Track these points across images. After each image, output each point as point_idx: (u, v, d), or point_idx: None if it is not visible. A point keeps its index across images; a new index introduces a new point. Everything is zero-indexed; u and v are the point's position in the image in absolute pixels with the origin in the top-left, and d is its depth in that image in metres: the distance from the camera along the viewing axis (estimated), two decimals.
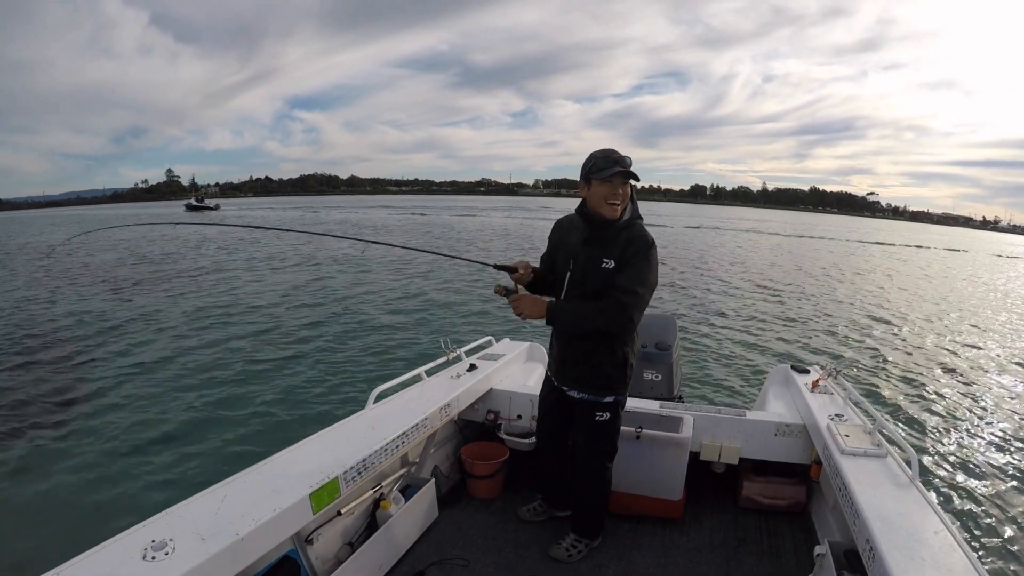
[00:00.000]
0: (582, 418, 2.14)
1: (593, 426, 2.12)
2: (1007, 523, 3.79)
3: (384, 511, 2.17)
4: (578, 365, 2.07)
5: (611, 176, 1.85)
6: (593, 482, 2.22)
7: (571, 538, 2.25)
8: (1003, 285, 19.22)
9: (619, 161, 1.86)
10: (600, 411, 2.09)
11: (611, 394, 2.07)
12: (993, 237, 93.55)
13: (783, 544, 2.37)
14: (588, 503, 2.26)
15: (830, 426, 2.18)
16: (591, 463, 2.19)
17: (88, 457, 4.39)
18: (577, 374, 2.09)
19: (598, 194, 1.89)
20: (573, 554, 2.21)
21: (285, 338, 7.94)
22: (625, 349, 2.02)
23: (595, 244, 1.95)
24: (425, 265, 14.99)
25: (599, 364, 2.02)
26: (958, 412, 5.97)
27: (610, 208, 1.89)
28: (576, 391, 2.11)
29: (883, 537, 1.45)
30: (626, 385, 2.10)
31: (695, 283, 14.23)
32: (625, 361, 2.03)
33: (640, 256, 1.88)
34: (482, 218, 40.57)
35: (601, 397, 2.07)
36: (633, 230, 1.93)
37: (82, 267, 15.42)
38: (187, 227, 17.48)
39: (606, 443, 2.17)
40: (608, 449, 2.18)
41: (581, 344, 2.03)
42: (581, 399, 2.11)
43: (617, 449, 2.21)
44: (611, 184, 1.87)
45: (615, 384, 2.06)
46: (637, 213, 1.96)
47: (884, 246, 34.87)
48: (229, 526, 1.40)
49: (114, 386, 5.94)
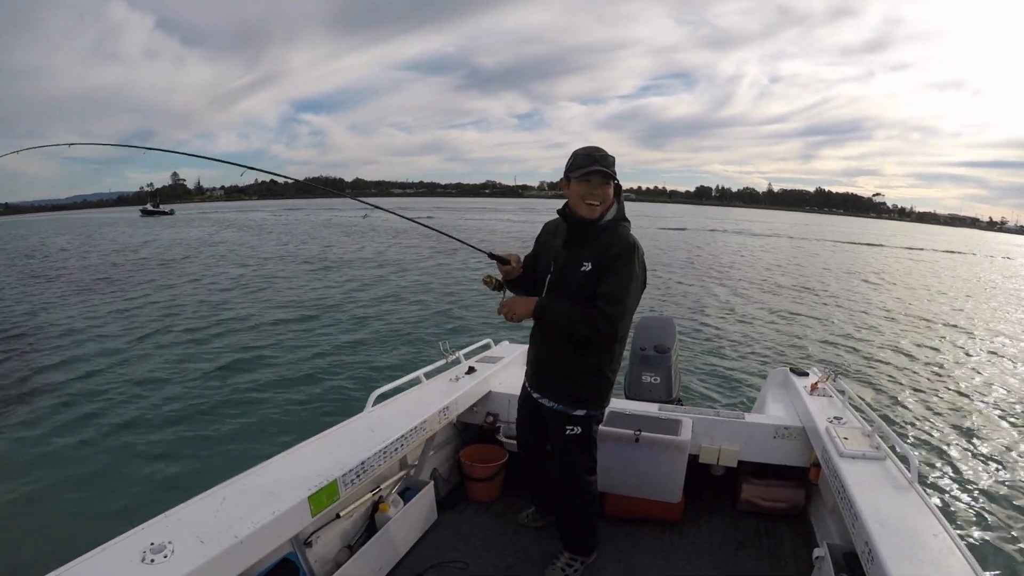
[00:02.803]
0: (553, 431, 2.02)
1: (565, 440, 1.99)
2: (1006, 526, 3.79)
3: (383, 514, 2.17)
4: (547, 370, 1.96)
5: (589, 175, 1.77)
6: (573, 498, 2.08)
7: (565, 557, 2.16)
8: (1003, 285, 19.24)
9: (598, 160, 1.76)
10: (571, 425, 1.95)
11: (583, 407, 1.93)
12: (999, 238, 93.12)
13: (782, 547, 2.37)
14: (572, 518, 2.15)
15: (829, 429, 2.18)
16: (567, 478, 2.05)
17: (87, 460, 4.39)
18: (547, 380, 1.98)
19: (575, 193, 1.81)
20: (569, 572, 2.13)
21: (284, 341, 7.94)
22: (601, 358, 1.87)
23: (575, 246, 1.86)
24: (426, 267, 15.00)
25: (568, 371, 1.90)
26: (957, 415, 5.97)
27: (588, 208, 1.81)
28: (547, 399, 1.98)
29: (882, 540, 1.44)
30: (602, 400, 1.96)
31: (694, 285, 14.23)
32: (599, 371, 1.89)
33: (622, 261, 1.77)
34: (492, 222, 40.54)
35: (571, 409, 1.93)
36: (615, 232, 1.83)
37: (59, 269, 15.49)
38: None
39: (582, 459, 2.03)
40: (585, 464, 2.04)
41: (552, 347, 1.93)
42: (551, 409, 1.97)
43: (596, 462, 2.09)
44: (589, 183, 1.78)
45: (587, 396, 1.92)
46: (622, 215, 1.86)
47: (887, 248, 34.90)
48: (228, 529, 1.40)
49: (111, 389, 5.94)
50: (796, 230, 50.25)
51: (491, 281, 2.04)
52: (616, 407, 2.69)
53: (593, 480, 2.09)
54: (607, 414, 2.58)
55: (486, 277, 2.06)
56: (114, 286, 12.79)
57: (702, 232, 38.39)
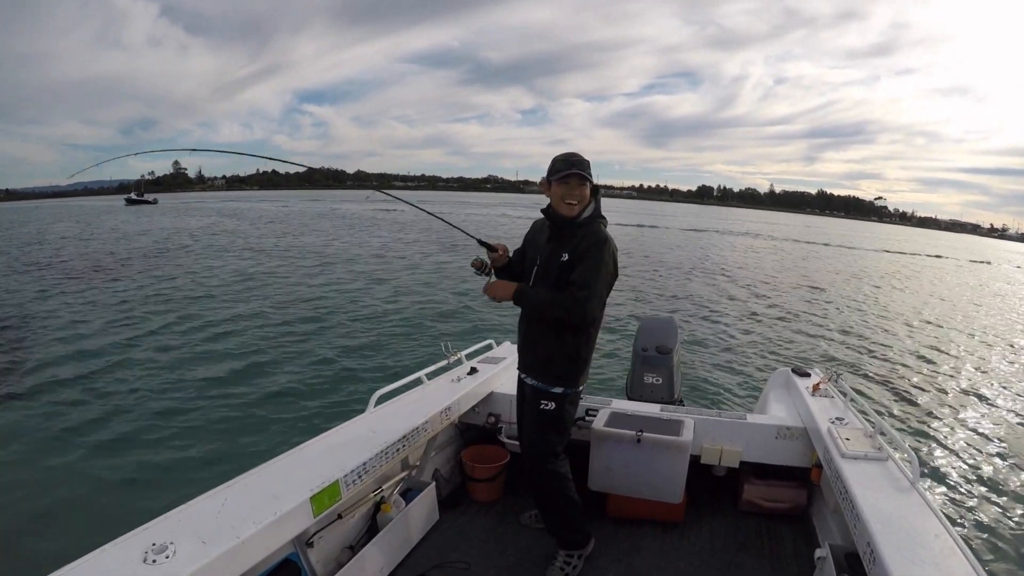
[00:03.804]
0: (529, 407, 2.16)
1: (538, 415, 2.11)
2: (1008, 526, 3.78)
3: (385, 514, 2.18)
4: (530, 351, 2.15)
5: (567, 177, 1.98)
6: (541, 484, 2.14)
7: (562, 556, 2.18)
8: (1001, 289, 19.19)
9: (575, 164, 1.99)
10: (545, 400, 2.09)
11: (559, 385, 2.08)
12: (999, 245, 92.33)
13: (784, 547, 2.36)
14: (550, 508, 2.18)
15: (831, 429, 2.18)
16: (534, 459, 2.12)
17: (89, 460, 4.39)
18: (530, 361, 2.15)
19: (556, 194, 2.02)
20: (568, 571, 2.15)
21: (285, 342, 7.93)
22: (577, 340, 2.04)
23: (557, 241, 2.07)
24: (426, 269, 15.02)
25: (548, 351, 2.07)
26: (959, 415, 5.97)
27: (567, 207, 2.02)
28: (530, 378, 2.15)
29: (884, 540, 1.44)
30: (578, 380, 2.10)
31: (696, 286, 14.22)
32: (576, 354, 2.06)
33: (593, 251, 1.97)
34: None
35: (549, 386, 2.08)
36: (591, 228, 2.04)
37: (57, 261, 15.44)
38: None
39: (550, 435, 2.11)
40: (551, 444, 2.11)
41: (534, 330, 2.12)
42: (532, 386, 2.14)
43: (561, 447, 2.14)
44: (567, 185, 1.99)
45: (564, 376, 2.07)
46: (598, 213, 2.08)
47: (891, 253, 34.79)
48: (230, 529, 1.40)
49: (112, 389, 5.94)
50: (795, 233, 49.96)
51: (479, 263, 2.20)
52: (618, 408, 2.69)
53: (562, 464, 2.15)
54: (609, 415, 2.59)
55: (475, 260, 2.21)
56: (105, 275, 12.80)
57: (703, 232, 38.33)
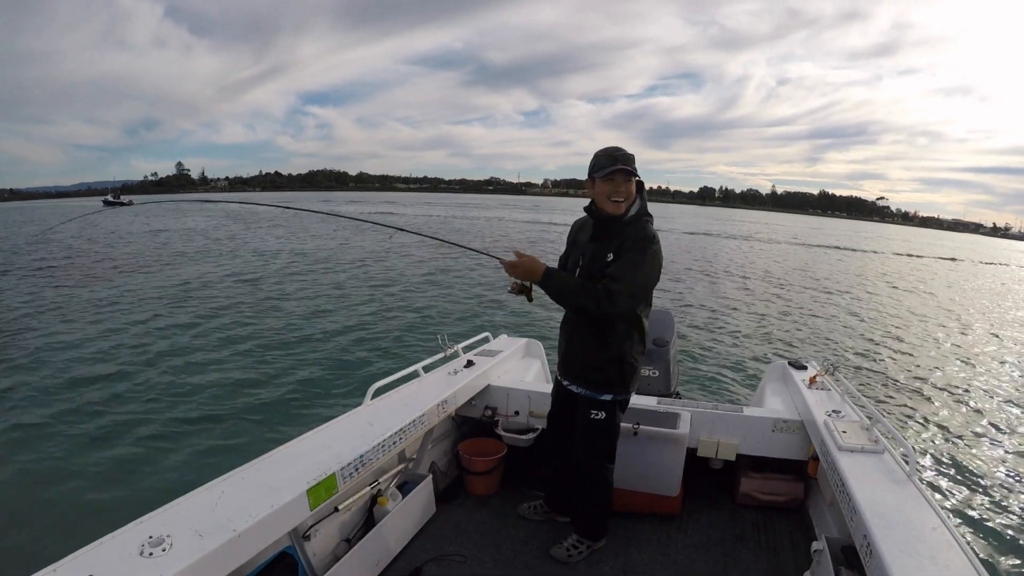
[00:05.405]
0: (581, 416, 2.13)
1: (588, 424, 2.10)
2: (1004, 519, 3.81)
3: (381, 507, 2.17)
4: (574, 358, 2.10)
5: (612, 174, 1.89)
6: (590, 485, 2.19)
7: (573, 538, 2.23)
8: (1000, 288, 19.25)
9: (620, 159, 1.89)
10: (596, 409, 2.07)
11: (608, 392, 2.05)
12: (1002, 244, 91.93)
13: (780, 540, 2.37)
14: (588, 505, 2.23)
15: (827, 422, 2.18)
16: (587, 464, 2.16)
17: (85, 453, 4.38)
18: (574, 368, 2.11)
19: (602, 192, 1.94)
20: (573, 554, 2.20)
21: (282, 334, 7.93)
22: (622, 345, 2.00)
23: (601, 239, 2.00)
24: (423, 261, 14.98)
25: (592, 358, 2.04)
26: (955, 408, 6.00)
27: (613, 205, 1.94)
28: (575, 386, 2.12)
29: (880, 533, 1.44)
30: (626, 385, 2.07)
31: (694, 280, 14.24)
32: (621, 358, 2.01)
33: (636, 249, 1.90)
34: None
35: (598, 394, 2.06)
36: (638, 225, 1.96)
37: (40, 259, 15.31)
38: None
39: (604, 444, 2.14)
40: (605, 451, 2.15)
41: (576, 336, 2.07)
42: (579, 394, 2.11)
43: (615, 450, 2.18)
44: (613, 181, 1.91)
45: (612, 381, 2.05)
46: (645, 210, 1.99)
47: (880, 254, 34.79)
48: (226, 522, 1.39)
49: (109, 381, 5.93)
50: (795, 234, 49.50)
51: (516, 288, 2.12)
52: None
53: (611, 469, 2.18)
54: None
55: (513, 285, 2.12)
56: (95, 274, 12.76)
57: (703, 233, 38.29)
